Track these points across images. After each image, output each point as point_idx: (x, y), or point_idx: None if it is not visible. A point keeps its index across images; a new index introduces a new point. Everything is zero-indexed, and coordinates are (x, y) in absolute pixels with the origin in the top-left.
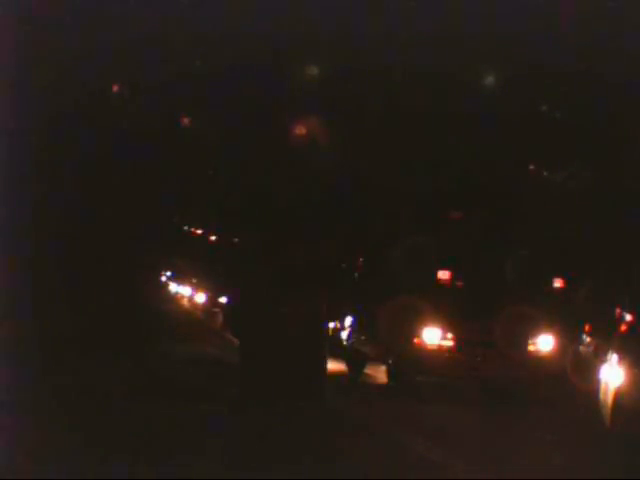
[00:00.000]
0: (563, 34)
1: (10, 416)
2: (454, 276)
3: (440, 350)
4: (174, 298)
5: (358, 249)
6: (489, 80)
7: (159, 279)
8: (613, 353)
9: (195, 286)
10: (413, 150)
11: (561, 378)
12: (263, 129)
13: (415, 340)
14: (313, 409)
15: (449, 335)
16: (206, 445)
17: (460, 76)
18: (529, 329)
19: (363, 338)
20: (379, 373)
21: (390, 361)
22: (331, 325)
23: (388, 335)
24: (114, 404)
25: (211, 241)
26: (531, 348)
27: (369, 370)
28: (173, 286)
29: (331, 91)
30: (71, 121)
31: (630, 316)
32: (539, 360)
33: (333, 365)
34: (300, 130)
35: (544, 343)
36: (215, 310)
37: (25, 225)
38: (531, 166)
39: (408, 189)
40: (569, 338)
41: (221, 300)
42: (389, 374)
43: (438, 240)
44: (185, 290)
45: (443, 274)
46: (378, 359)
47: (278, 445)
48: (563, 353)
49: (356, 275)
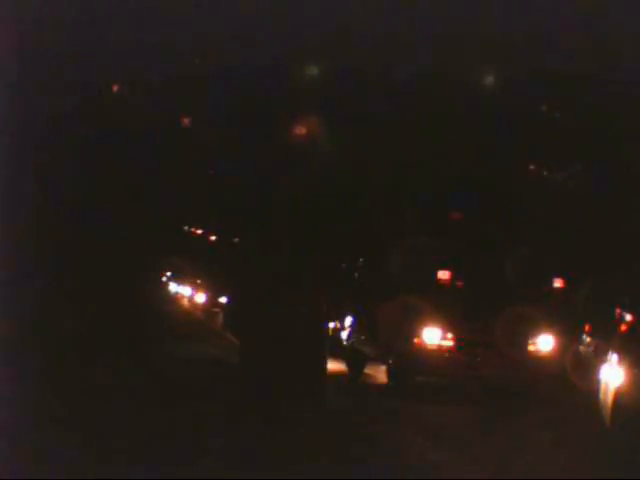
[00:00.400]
0: (563, 34)
1: (10, 416)
2: (454, 276)
3: (440, 350)
4: (174, 298)
5: (358, 249)
6: (489, 80)
7: (160, 279)
8: (613, 353)
9: (195, 286)
10: (413, 150)
11: (561, 378)
12: (263, 129)
13: (415, 340)
14: (313, 409)
15: (449, 335)
16: (206, 445)
17: (460, 76)
18: (529, 329)
19: (363, 338)
20: (379, 373)
21: (390, 361)
22: (331, 325)
23: (388, 335)
24: (114, 404)
25: (211, 241)
26: (531, 348)
27: (369, 370)
28: (173, 286)
29: (331, 91)
30: (71, 121)
31: (630, 316)
32: (539, 360)
33: (333, 365)
34: (300, 130)
35: (544, 343)
36: (215, 310)
37: (25, 225)
38: (531, 166)
39: (408, 189)
40: (569, 338)
41: (221, 300)
42: (389, 374)
43: (438, 240)
44: (185, 290)
45: (443, 274)
46: (378, 359)
47: (278, 445)
48: (563, 353)
49: (356, 275)
